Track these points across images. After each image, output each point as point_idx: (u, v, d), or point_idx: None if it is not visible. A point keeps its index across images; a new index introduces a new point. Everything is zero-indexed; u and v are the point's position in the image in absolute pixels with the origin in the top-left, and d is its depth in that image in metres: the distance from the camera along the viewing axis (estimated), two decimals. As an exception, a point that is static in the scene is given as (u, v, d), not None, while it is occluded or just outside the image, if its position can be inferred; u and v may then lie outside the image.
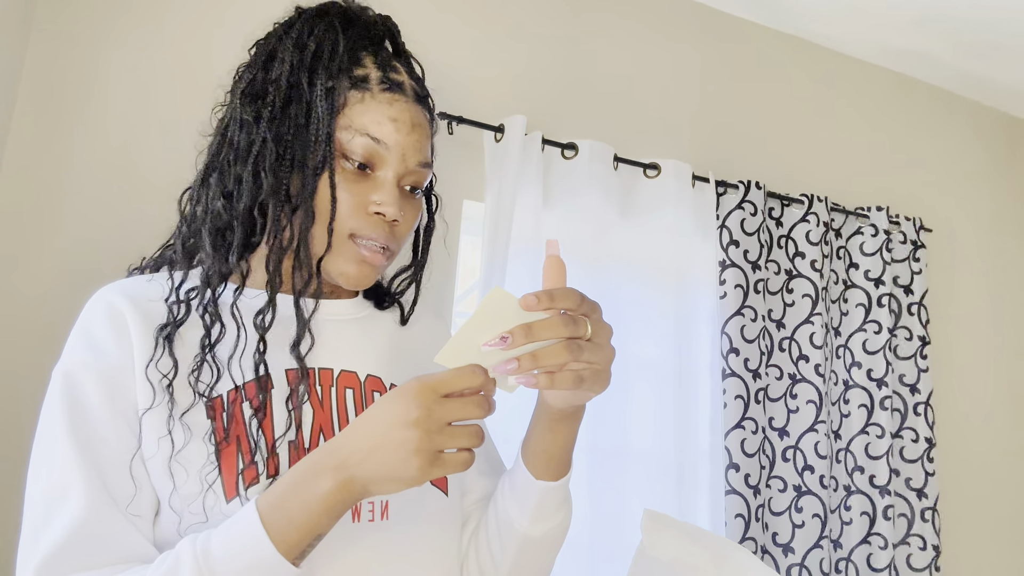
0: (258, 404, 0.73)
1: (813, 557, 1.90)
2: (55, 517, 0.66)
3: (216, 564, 0.62)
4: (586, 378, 0.67)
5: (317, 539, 0.65)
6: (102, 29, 1.54)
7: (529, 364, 0.64)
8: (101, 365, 0.71)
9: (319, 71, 0.78)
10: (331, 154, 0.76)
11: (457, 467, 0.64)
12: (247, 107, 0.79)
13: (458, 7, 1.89)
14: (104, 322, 0.73)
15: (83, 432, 0.69)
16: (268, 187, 0.76)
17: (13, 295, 1.42)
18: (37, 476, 0.69)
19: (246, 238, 0.79)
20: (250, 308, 0.78)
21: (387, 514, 0.76)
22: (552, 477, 0.80)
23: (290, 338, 0.77)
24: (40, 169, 1.47)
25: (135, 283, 0.78)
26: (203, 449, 0.70)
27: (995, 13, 2.13)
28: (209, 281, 0.76)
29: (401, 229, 0.81)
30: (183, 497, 0.69)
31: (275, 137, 0.77)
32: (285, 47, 0.80)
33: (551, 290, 0.65)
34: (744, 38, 2.27)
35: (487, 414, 0.65)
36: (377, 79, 0.79)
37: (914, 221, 2.27)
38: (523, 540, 0.82)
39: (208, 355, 0.73)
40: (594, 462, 1.73)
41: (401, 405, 0.63)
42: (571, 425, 0.78)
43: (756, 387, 1.90)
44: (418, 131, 0.80)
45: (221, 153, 0.80)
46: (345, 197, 0.77)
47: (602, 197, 1.83)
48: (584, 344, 0.66)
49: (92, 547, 0.65)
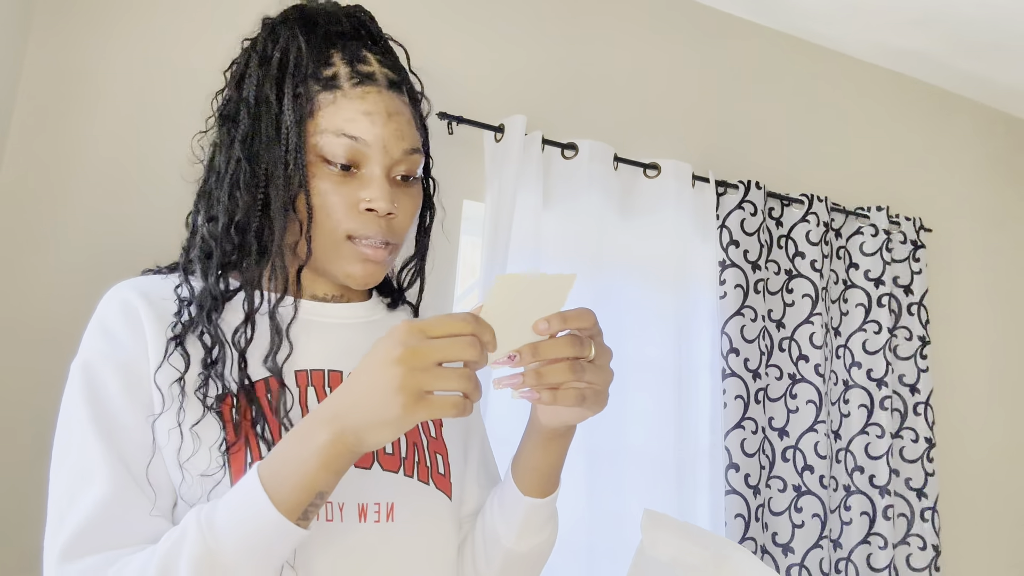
0: (256, 413, 0.73)
1: (813, 557, 1.90)
2: (79, 500, 0.67)
3: (220, 531, 0.62)
4: (587, 397, 0.68)
5: (319, 497, 0.64)
6: (102, 28, 1.54)
7: (533, 381, 0.66)
8: (119, 356, 0.72)
9: (286, 80, 0.77)
10: (303, 162, 0.76)
11: (446, 409, 0.60)
12: (223, 130, 0.79)
13: (458, 7, 1.89)
14: (119, 317, 0.74)
15: (104, 419, 0.70)
16: (243, 205, 0.76)
17: (13, 295, 1.42)
18: (61, 462, 0.70)
19: (226, 255, 0.79)
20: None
21: (392, 516, 0.76)
22: (540, 494, 0.81)
23: (298, 342, 0.78)
24: (40, 169, 1.47)
25: (150, 280, 0.79)
26: (209, 456, 0.71)
27: (995, 13, 2.13)
28: (203, 304, 0.76)
29: (400, 221, 0.80)
30: (192, 491, 0.70)
31: (248, 155, 0.77)
32: (252, 62, 0.79)
33: (565, 312, 0.66)
34: (744, 38, 2.27)
35: (478, 356, 0.61)
36: (346, 75, 0.78)
37: (914, 221, 2.27)
38: (508, 555, 0.83)
39: (211, 372, 0.74)
40: (594, 462, 1.73)
41: (386, 345, 0.61)
42: (562, 444, 0.79)
43: (756, 387, 1.90)
44: (396, 119, 0.78)
45: (208, 179, 0.81)
46: (335, 200, 0.76)
47: (602, 197, 1.83)
48: (586, 365, 0.68)
49: (116, 528, 0.66)
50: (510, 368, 0.67)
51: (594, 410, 0.70)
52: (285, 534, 0.63)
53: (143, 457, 0.70)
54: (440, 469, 0.83)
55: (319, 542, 0.71)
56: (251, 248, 0.77)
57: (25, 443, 1.36)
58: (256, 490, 0.63)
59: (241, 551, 0.62)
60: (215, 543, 0.62)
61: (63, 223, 1.47)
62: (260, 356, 0.76)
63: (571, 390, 0.67)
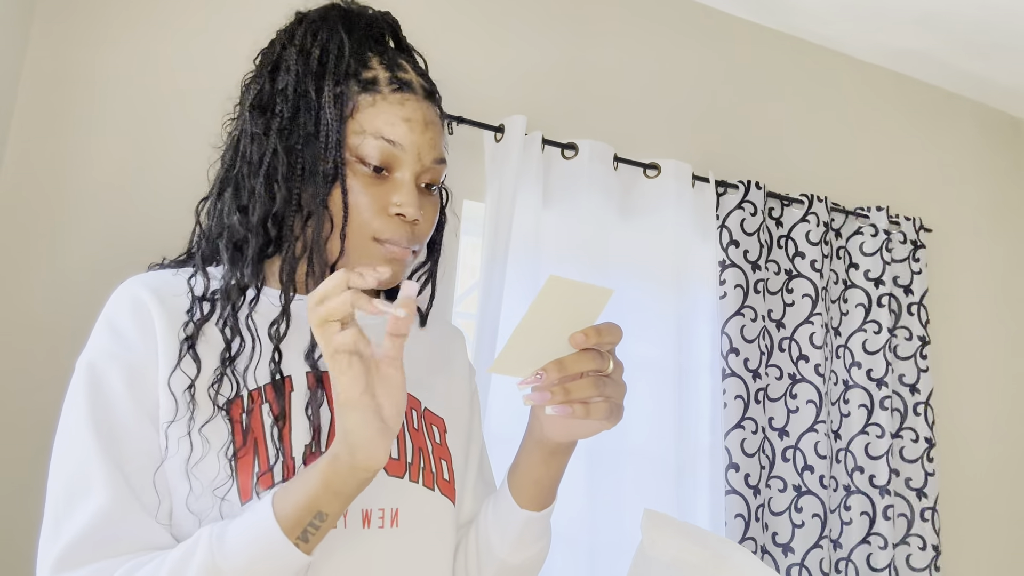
0: (278, 411, 0.73)
1: (813, 557, 1.90)
2: (77, 508, 0.66)
3: (228, 549, 0.63)
4: (612, 411, 0.70)
5: (318, 517, 0.64)
6: (103, 28, 1.54)
7: (561, 397, 0.67)
8: (126, 357, 0.71)
9: (326, 77, 0.78)
10: (342, 160, 0.76)
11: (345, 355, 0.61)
12: (256, 120, 0.79)
13: (458, 7, 1.89)
14: (129, 315, 0.73)
15: (106, 423, 0.69)
16: (281, 198, 0.76)
17: (13, 295, 1.42)
18: (59, 466, 0.69)
19: (262, 249, 0.79)
20: (266, 317, 0.78)
21: (397, 521, 0.76)
22: (537, 507, 0.81)
23: (306, 345, 0.77)
24: (41, 169, 1.47)
25: (160, 276, 0.78)
26: (217, 463, 0.70)
27: (996, 13, 2.13)
28: (228, 294, 0.76)
29: (422, 228, 0.81)
30: (198, 497, 0.70)
31: (286, 148, 0.77)
32: (290, 55, 0.79)
33: (599, 326, 0.68)
34: (744, 38, 2.27)
35: (345, 304, 0.60)
36: (386, 80, 0.79)
37: (914, 221, 2.27)
38: (501, 566, 0.84)
39: (228, 369, 0.73)
40: (594, 462, 1.73)
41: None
42: (564, 458, 0.80)
43: (756, 387, 1.90)
44: (431, 128, 0.80)
45: (235, 167, 0.80)
46: (365, 201, 0.76)
47: (602, 197, 1.83)
48: (605, 380, 0.69)
49: (112, 538, 0.66)
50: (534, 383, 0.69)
51: (611, 423, 0.71)
52: (288, 557, 0.63)
53: (145, 463, 0.69)
54: (445, 475, 0.82)
55: (323, 548, 0.71)
56: (291, 242, 0.77)
57: (26, 443, 1.36)
58: (266, 514, 0.63)
59: (247, 572, 0.63)
60: (223, 561, 0.62)
61: (63, 223, 1.47)
62: (288, 353, 0.76)
63: (602, 404, 0.69)
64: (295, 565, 0.64)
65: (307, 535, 0.64)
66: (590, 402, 0.68)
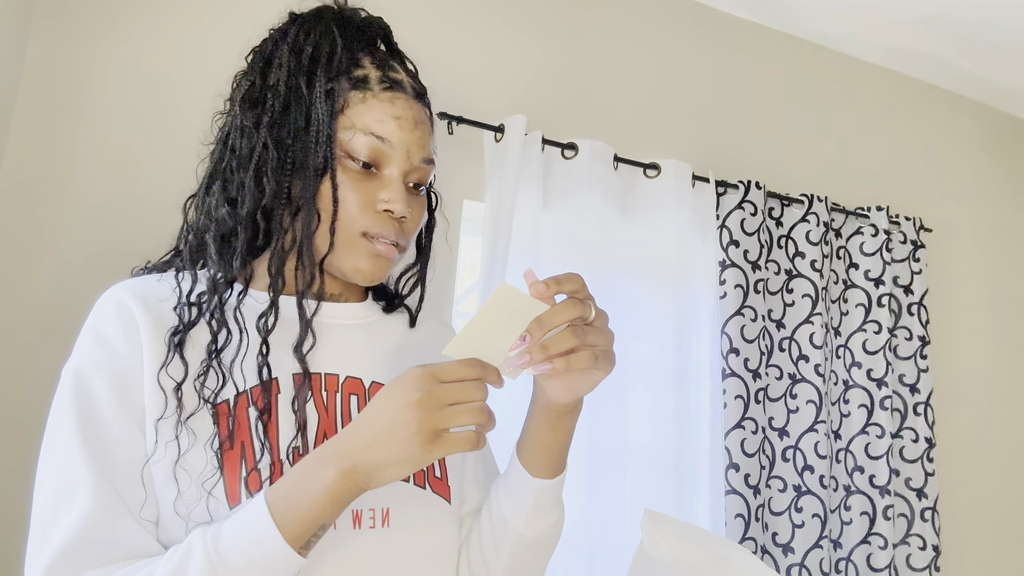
0: (263, 407, 0.73)
1: (813, 557, 1.90)
2: (63, 516, 0.66)
3: (227, 556, 0.63)
4: (598, 357, 0.69)
5: (322, 529, 0.66)
6: (102, 28, 1.54)
7: (540, 355, 0.67)
8: (112, 365, 0.71)
9: (317, 73, 0.78)
10: (332, 155, 0.77)
11: (460, 445, 0.65)
12: (247, 113, 0.79)
13: (458, 7, 1.89)
14: (115, 322, 0.73)
15: (92, 431, 0.69)
16: (270, 192, 0.77)
17: (13, 295, 1.42)
18: (45, 474, 0.69)
19: (250, 243, 0.79)
20: (253, 311, 0.79)
21: (388, 521, 0.76)
22: (549, 475, 0.81)
23: (294, 340, 0.77)
24: (40, 169, 1.47)
25: (145, 283, 0.78)
26: (204, 455, 0.70)
27: (996, 13, 2.13)
28: (216, 287, 0.76)
29: (409, 226, 0.82)
30: (187, 502, 0.69)
31: (276, 142, 0.77)
32: (282, 52, 0.80)
33: (557, 276, 0.68)
34: (744, 38, 2.27)
35: (484, 396, 0.66)
36: (377, 78, 0.80)
37: (914, 221, 2.27)
38: (518, 540, 0.83)
39: (214, 361, 0.73)
40: (594, 462, 1.73)
41: (402, 389, 0.65)
42: (571, 420, 0.80)
43: (756, 387, 1.90)
44: (420, 128, 0.81)
45: (223, 160, 0.80)
46: (353, 196, 0.77)
47: (602, 197, 1.83)
48: (587, 328, 0.68)
49: (100, 546, 0.66)
50: (516, 348, 0.69)
51: (605, 371, 0.71)
52: (289, 563, 0.64)
53: (132, 470, 0.69)
54: (437, 473, 0.82)
55: (314, 551, 0.71)
56: (279, 236, 0.78)
57: (23, 443, 1.36)
58: (264, 518, 0.64)
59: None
60: (221, 566, 0.63)
61: (63, 223, 1.47)
62: (276, 348, 0.77)
63: (583, 352, 0.68)
64: (294, 568, 0.65)
65: (309, 544, 0.66)
66: (572, 354, 0.68)
